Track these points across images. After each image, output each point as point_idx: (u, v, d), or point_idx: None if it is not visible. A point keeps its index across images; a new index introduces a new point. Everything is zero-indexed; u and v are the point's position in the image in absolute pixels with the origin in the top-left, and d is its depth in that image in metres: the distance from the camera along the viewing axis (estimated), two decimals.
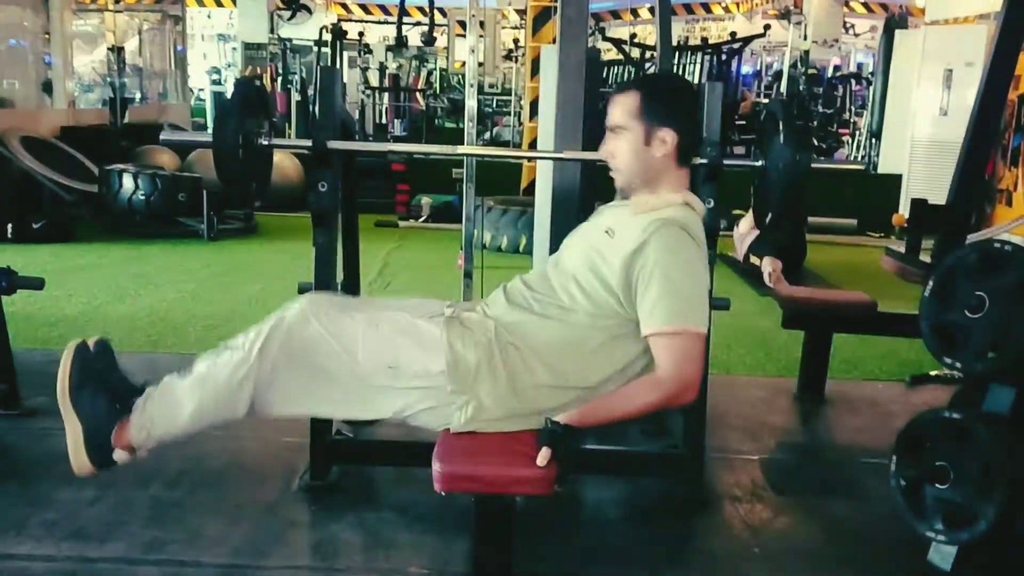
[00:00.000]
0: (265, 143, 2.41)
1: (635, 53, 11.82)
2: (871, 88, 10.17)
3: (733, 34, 12.81)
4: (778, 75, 13.80)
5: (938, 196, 3.58)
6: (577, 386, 1.90)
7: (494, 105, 15.40)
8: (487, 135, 13.52)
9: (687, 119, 2.02)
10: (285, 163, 8.24)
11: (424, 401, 1.88)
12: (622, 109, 1.97)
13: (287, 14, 13.92)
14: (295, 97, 11.48)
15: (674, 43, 8.49)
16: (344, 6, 18.20)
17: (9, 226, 6.52)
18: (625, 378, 1.93)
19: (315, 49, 12.55)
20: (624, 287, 1.87)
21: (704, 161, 2.38)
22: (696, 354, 1.82)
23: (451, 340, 1.88)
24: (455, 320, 1.95)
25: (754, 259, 5.53)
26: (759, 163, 2.40)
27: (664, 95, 2.00)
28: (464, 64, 4.02)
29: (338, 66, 11.27)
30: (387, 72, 14.46)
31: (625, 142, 1.97)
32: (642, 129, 1.95)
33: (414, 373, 1.86)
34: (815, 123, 11.67)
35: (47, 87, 9.60)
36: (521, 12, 13.48)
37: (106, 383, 1.90)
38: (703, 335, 1.84)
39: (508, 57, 15.82)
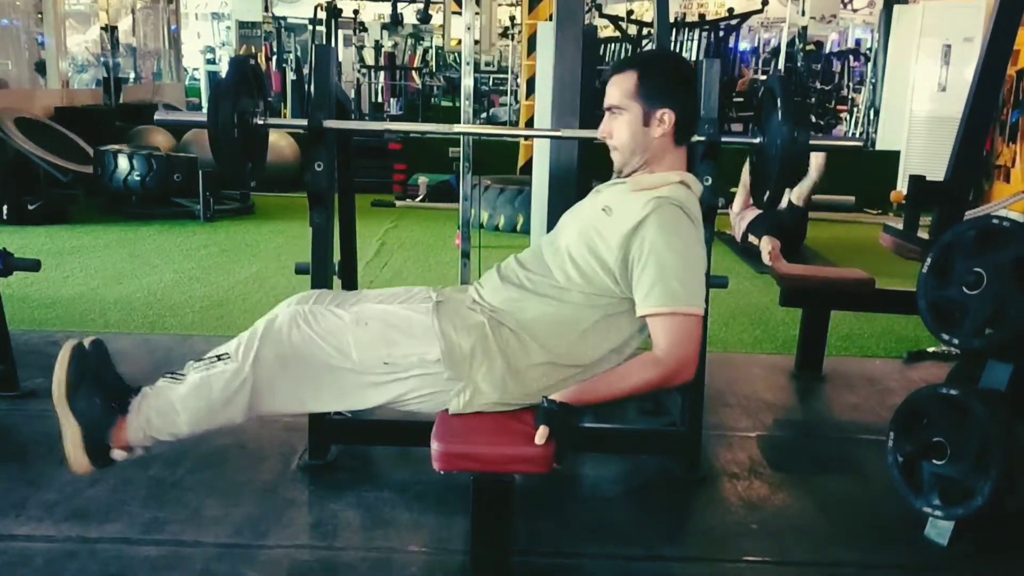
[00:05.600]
0: (260, 123, 2.40)
1: (632, 30, 11.77)
2: (869, 64, 10.13)
3: (730, 10, 12.76)
4: (776, 51, 13.74)
5: (936, 172, 3.56)
6: (573, 364, 1.90)
7: (490, 83, 15.32)
8: (483, 114, 13.45)
9: (686, 99, 1.99)
10: (280, 143, 8.20)
11: (421, 389, 1.87)
12: (620, 89, 1.95)
13: None
14: (290, 76, 11.42)
15: (671, 20, 8.44)
16: None
17: (4, 207, 6.49)
18: (621, 356, 1.93)
19: (310, 27, 12.47)
20: (621, 266, 1.86)
21: (702, 138, 2.37)
22: (693, 334, 1.81)
23: (443, 327, 1.87)
24: (444, 305, 1.94)
25: (752, 238, 5.54)
26: (757, 140, 2.38)
27: (662, 75, 1.97)
28: (460, 42, 3.98)
29: (333, 45, 11.18)
30: (383, 50, 14.39)
31: (623, 122, 1.95)
32: (640, 109, 1.94)
33: (410, 364, 1.86)
34: (813, 99, 11.63)
35: (40, 67, 9.54)
36: None
37: (102, 383, 1.89)
38: (700, 315, 1.83)
39: (504, 35, 15.72)
